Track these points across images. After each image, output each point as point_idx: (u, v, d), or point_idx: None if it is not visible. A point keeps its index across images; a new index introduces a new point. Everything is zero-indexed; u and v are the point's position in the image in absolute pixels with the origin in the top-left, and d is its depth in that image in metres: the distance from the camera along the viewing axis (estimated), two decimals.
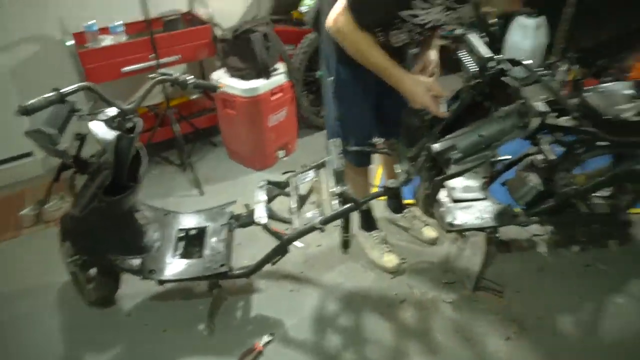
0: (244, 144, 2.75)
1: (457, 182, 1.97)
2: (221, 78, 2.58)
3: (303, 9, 2.74)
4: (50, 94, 1.39)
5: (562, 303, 1.91)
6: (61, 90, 1.40)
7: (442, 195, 1.92)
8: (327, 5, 1.55)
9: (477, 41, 1.49)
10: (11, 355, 1.81)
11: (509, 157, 1.99)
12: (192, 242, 1.89)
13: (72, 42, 2.44)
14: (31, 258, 2.23)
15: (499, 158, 2.02)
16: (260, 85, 2.52)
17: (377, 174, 2.54)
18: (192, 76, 1.59)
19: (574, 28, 3.50)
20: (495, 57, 1.40)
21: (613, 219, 1.98)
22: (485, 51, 1.44)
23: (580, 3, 3.41)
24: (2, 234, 2.39)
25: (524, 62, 1.37)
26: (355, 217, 2.14)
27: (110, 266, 1.74)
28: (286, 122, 2.77)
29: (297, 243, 2.09)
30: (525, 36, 3.60)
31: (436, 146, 1.53)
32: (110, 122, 1.50)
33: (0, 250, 2.31)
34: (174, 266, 1.75)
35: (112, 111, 1.52)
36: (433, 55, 1.74)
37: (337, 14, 1.44)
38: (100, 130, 1.48)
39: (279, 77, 2.62)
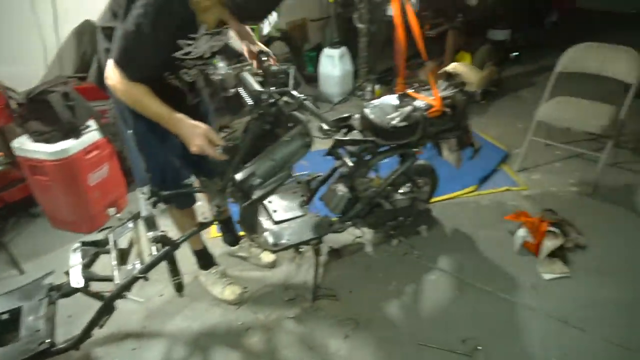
0: (66, 209, 2.57)
1: (278, 205, 2.13)
2: (24, 144, 2.41)
3: None
4: None
5: (388, 292, 2.16)
6: None
7: (264, 219, 2.06)
8: (104, 60, 1.59)
9: (249, 78, 1.66)
10: None
11: (321, 173, 2.22)
12: (6, 328, 1.71)
13: None
14: None
15: (314, 176, 2.25)
16: (70, 146, 2.40)
17: None
18: None
19: (371, 55, 4.06)
20: (264, 90, 1.57)
21: (413, 210, 2.32)
22: (256, 86, 1.61)
23: (372, 35, 3.99)
24: None
25: (291, 92, 1.57)
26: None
27: None
28: (110, 178, 2.67)
29: (136, 298, 2.02)
30: (334, 65, 4.05)
31: (238, 176, 1.65)
32: None
33: None
34: None
35: None
36: (255, 47, 1.89)
37: (109, 71, 1.47)
38: None
39: (92, 134, 2.53)
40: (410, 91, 2.17)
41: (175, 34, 1.46)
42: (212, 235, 2.50)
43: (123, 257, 1.80)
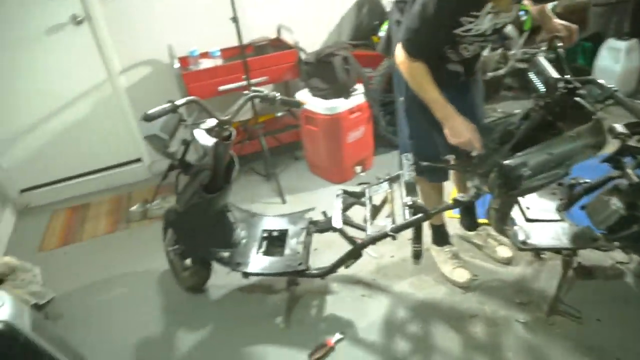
0: (324, 158, 2.93)
1: (532, 202, 1.96)
2: (304, 97, 2.80)
3: (382, 34, 2.89)
4: (167, 104, 1.57)
5: None
6: (175, 102, 1.59)
7: (516, 214, 1.93)
8: (395, 32, 1.70)
9: (545, 63, 1.53)
10: (110, 329, 2.09)
11: (588, 180, 1.95)
12: (274, 242, 2.07)
13: (178, 65, 2.79)
14: (138, 247, 2.60)
15: (580, 181, 1.99)
16: (340, 104, 2.69)
17: (452, 192, 2.57)
18: (279, 93, 1.79)
19: None
20: (563, 77, 1.43)
21: None
22: (553, 72, 1.48)
23: None
24: (114, 226, 2.82)
25: (598, 81, 1.39)
26: (428, 232, 2.21)
27: (204, 257, 1.98)
28: (364, 139, 2.91)
29: (372, 253, 2.19)
30: (616, 60, 3.47)
31: (508, 162, 1.57)
32: (210, 131, 1.73)
33: (112, 239, 2.73)
34: (258, 262, 1.93)
35: (212, 122, 1.75)
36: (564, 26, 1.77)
37: (397, 49, 1.60)
38: (202, 137, 1.72)
39: (358, 97, 2.78)
40: None
41: (459, 12, 1.48)
42: (448, 216, 2.49)
43: (375, 212, 1.95)
